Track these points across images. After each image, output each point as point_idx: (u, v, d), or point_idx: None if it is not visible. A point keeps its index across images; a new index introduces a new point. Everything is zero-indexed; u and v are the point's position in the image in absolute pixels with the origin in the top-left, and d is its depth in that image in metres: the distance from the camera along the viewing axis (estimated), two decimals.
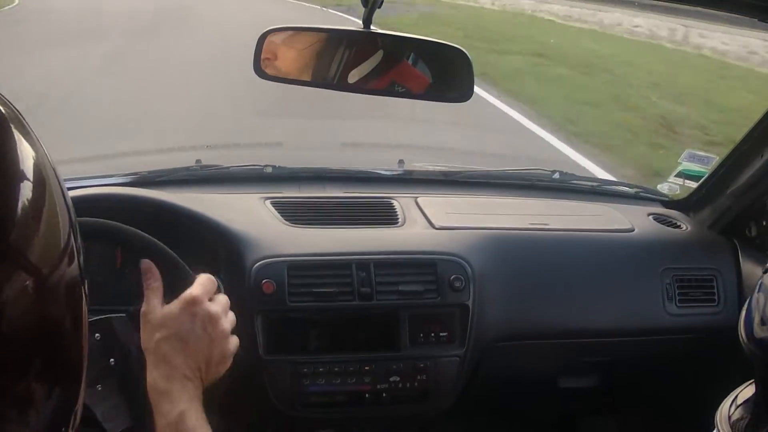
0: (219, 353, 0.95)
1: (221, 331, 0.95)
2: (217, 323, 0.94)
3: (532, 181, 1.96)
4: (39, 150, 0.41)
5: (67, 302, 0.40)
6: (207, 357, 0.94)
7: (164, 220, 1.35)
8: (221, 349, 0.95)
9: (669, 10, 10.62)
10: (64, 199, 0.42)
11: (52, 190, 0.40)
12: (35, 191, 0.39)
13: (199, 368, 0.93)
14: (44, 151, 0.42)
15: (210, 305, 0.95)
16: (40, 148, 0.41)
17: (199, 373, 0.93)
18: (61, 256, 0.40)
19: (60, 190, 0.42)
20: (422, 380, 1.46)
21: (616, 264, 1.62)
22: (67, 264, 0.40)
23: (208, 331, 0.93)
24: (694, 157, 1.89)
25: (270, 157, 1.89)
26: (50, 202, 0.40)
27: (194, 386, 0.92)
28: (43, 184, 0.40)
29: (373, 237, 1.54)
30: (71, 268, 0.41)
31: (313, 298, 1.41)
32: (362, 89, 1.23)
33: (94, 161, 3.33)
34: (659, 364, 1.69)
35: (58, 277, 0.39)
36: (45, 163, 0.41)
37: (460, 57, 1.21)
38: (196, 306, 0.93)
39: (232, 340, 0.98)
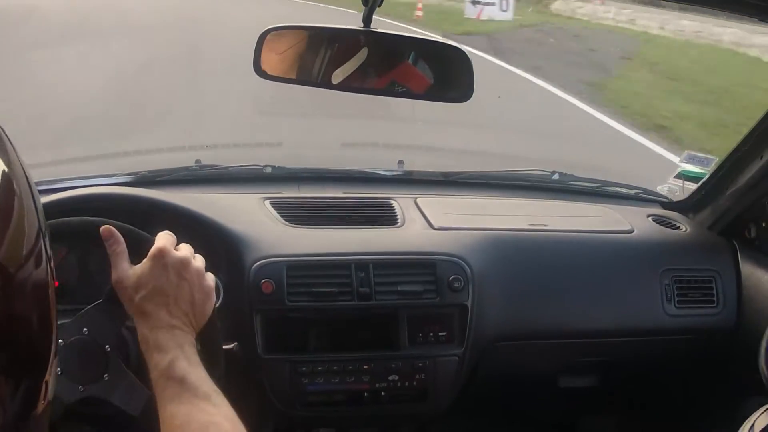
0: (200, 293, 0.97)
1: (195, 271, 0.97)
2: (189, 266, 0.96)
3: (532, 181, 1.96)
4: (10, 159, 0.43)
5: (34, 301, 0.42)
6: (190, 300, 0.95)
7: (163, 220, 1.35)
8: (201, 288, 0.97)
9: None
10: (34, 207, 0.44)
11: (22, 198, 0.43)
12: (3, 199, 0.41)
13: (186, 314, 0.95)
14: (17, 159, 0.44)
15: (177, 253, 0.97)
16: (13, 156, 0.43)
17: (187, 319, 0.95)
18: (28, 256, 0.42)
19: (30, 198, 0.44)
20: (421, 380, 1.46)
21: (615, 265, 1.62)
22: (34, 265, 0.42)
23: (183, 275, 0.95)
24: (693, 158, 1.89)
25: (269, 157, 1.89)
26: (19, 207, 0.42)
27: (183, 333, 0.93)
28: (12, 192, 0.42)
29: (372, 237, 1.54)
30: (39, 270, 0.43)
31: (312, 298, 1.41)
32: (362, 89, 1.23)
33: (94, 161, 3.33)
34: (658, 365, 1.69)
35: (25, 276, 0.41)
36: (15, 173, 0.43)
37: (459, 57, 1.21)
38: (165, 257, 0.95)
39: (207, 276, 0.99)
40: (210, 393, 0.88)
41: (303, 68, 1.24)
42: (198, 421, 0.83)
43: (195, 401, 0.86)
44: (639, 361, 1.67)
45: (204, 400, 0.86)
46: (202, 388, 0.87)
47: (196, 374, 0.89)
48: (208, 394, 0.87)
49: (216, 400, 0.87)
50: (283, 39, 1.22)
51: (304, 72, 1.24)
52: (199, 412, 0.85)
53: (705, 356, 1.67)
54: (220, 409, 0.87)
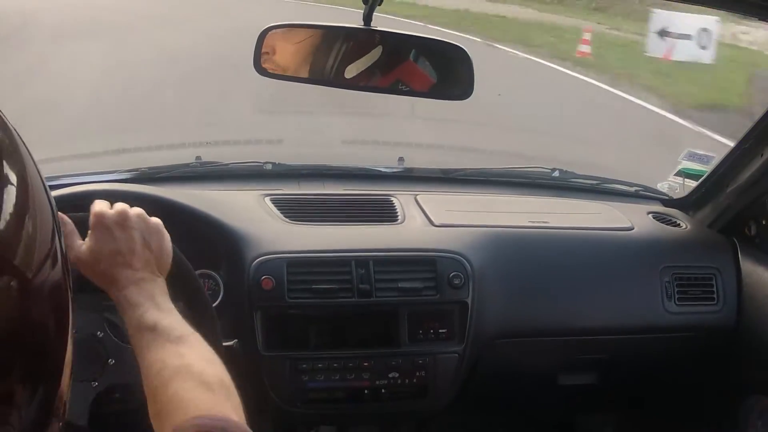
0: (150, 234, 0.98)
1: (135, 218, 0.98)
2: (127, 216, 0.97)
3: (532, 179, 1.96)
4: (22, 154, 0.41)
5: (51, 304, 0.40)
6: (145, 246, 0.96)
7: (164, 217, 1.35)
8: (149, 229, 0.98)
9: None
10: (48, 203, 0.42)
11: (35, 194, 0.41)
12: (18, 197, 0.39)
13: (147, 261, 0.96)
14: (28, 154, 0.42)
15: (112, 211, 0.98)
16: (24, 151, 0.41)
17: (150, 265, 0.96)
18: (44, 259, 0.40)
19: (44, 193, 0.42)
20: (421, 377, 1.46)
21: (615, 262, 1.62)
22: (50, 266, 0.40)
23: (127, 227, 0.96)
24: (694, 156, 1.89)
25: (270, 154, 1.89)
26: (33, 207, 0.40)
27: (152, 282, 0.94)
28: (26, 189, 0.40)
29: (372, 234, 1.54)
30: (55, 270, 0.41)
31: (313, 295, 1.41)
32: (367, 87, 1.23)
33: (94, 157, 3.33)
34: (658, 362, 1.70)
35: (42, 280, 0.39)
36: (28, 168, 0.41)
37: (460, 54, 1.21)
38: (104, 219, 0.96)
39: (151, 220, 1.00)
40: (183, 335, 0.87)
41: (304, 66, 1.24)
42: (171, 365, 0.83)
43: (168, 346, 0.85)
44: (639, 358, 1.67)
45: (177, 344, 0.86)
46: (174, 333, 0.87)
47: (168, 320, 0.89)
48: (182, 337, 0.87)
49: (190, 341, 0.87)
50: (283, 37, 1.22)
51: (305, 70, 1.24)
52: (172, 357, 0.84)
53: (705, 354, 1.67)
54: (194, 349, 0.86)
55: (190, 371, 0.82)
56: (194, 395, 0.79)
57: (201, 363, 0.84)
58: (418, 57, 1.22)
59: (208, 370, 0.83)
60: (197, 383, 0.80)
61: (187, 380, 0.81)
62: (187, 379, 0.81)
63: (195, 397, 0.78)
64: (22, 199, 0.39)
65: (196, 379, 0.81)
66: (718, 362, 1.68)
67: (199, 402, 0.78)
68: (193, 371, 0.82)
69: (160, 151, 3.47)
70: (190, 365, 0.82)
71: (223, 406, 0.79)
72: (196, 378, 0.81)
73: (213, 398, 0.79)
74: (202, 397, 0.78)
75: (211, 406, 0.77)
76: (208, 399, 0.79)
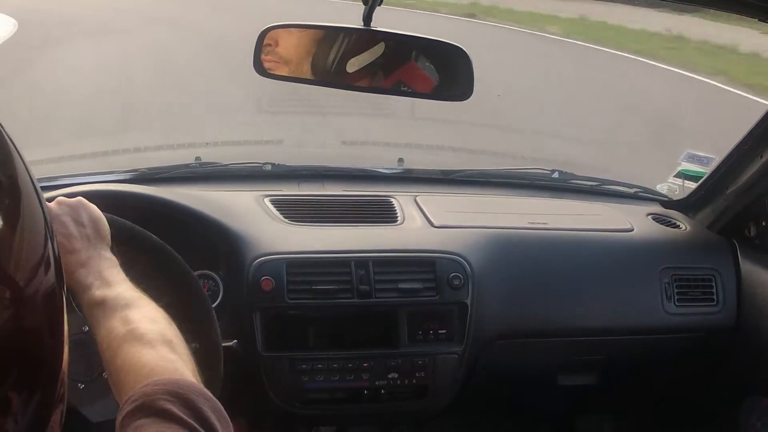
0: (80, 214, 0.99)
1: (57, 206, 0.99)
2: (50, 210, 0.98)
3: (532, 180, 1.96)
4: (14, 159, 0.40)
5: (45, 311, 0.40)
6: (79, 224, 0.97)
7: (163, 218, 1.36)
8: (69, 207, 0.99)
9: None
10: (40, 208, 0.41)
11: (27, 200, 0.40)
12: (9, 204, 0.38)
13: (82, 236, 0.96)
14: (20, 158, 0.41)
15: None
16: (16, 156, 0.41)
17: (87, 239, 0.96)
18: (37, 266, 0.39)
19: (35, 199, 0.41)
20: (421, 377, 1.46)
21: (615, 263, 1.62)
22: (44, 273, 0.40)
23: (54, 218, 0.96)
24: (693, 157, 1.89)
25: (269, 155, 1.89)
26: (25, 213, 0.39)
27: (96, 258, 0.94)
28: (17, 195, 0.39)
29: (372, 235, 1.54)
30: (48, 275, 0.40)
31: (312, 296, 1.41)
32: (369, 88, 1.23)
33: (93, 158, 3.33)
34: (658, 363, 1.70)
35: (35, 287, 0.39)
36: (19, 173, 0.40)
37: (459, 55, 1.21)
38: None
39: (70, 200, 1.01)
40: (130, 302, 0.87)
41: (305, 66, 1.23)
42: (118, 334, 0.82)
43: (115, 315, 0.85)
44: (638, 359, 1.67)
45: (124, 310, 0.85)
46: (122, 301, 0.87)
47: (116, 291, 0.89)
48: (129, 303, 0.87)
49: (136, 305, 0.87)
50: (283, 37, 1.22)
51: (306, 70, 1.24)
52: (119, 324, 0.84)
53: (704, 355, 1.67)
54: (141, 312, 0.86)
55: (134, 335, 0.81)
56: (138, 358, 0.78)
57: (145, 324, 0.83)
58: (418, 57, 1.22)
59: (151, 329, 0.83)
60: (141, 345, 0.80)
61: (133, 344, 0.80)
62: (132, 343, 0.80)
63: (139, 359, 0.78)
64: (14, 206, 0.39)
65: (140, 340, 0.81)
66: (718, 363, 1.68)
67: (143, 363, 0.77)
68: (137, 334, 0.81)
69: (160, 152, 3.47)
70: (133, 329, 0.82)
71: (166, 361, 0.78)
72: (140, 339, 0.81)
73: (156, 356, 0.78)
74: (146, 359, 0.78)
75: (155, 365, 0.77)
76: (152, 358, 0.78)
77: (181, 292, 1.21)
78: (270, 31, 1.20)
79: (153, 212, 1.35)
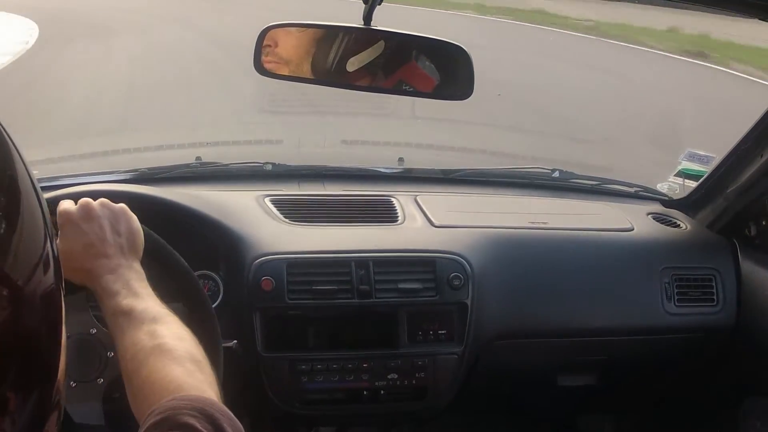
0: (115, 217, 0.99)
1: (98, 207, 0.99)
2: (92, 209, 0.98)
3: (532, 179, 1.96)
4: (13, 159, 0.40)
5: (44, 311, 0.40)
6: (113, 230, 0.97)
7: (164, 218, 1.35)
8: (113, 214, 0.99)
9: None
10: (39, 207, 0.41)
11: (26, 200, 0.40)
12: (8, 203, 0.38)
13: (118, 245, 0.96)
14: (20, 157, 0.41)
15: (75, 206, 0.99)
16: (15, 155, 0.41)
17: (121, 249, 0.96)
18: (36, 265, 0.39)
19: (35, 198, 0.41)
20: (420, 378, 1.46)
21: (615, 263, 1.62)
22: (42, 272, 0.40)
23: (91, 217, 0.97)
24: (694, 156, 1.89)
25: (270, 155, 1.89)
26: (24, 213, 0.39)
27: (127, 267, 0.94)
28: (17, 195, 0.39)
29: (372, 235, 1.54)
30: (47, 275, 0.40)
31: (312, 296, 1.41)
32: (371, 88, 1.23)
33: (94, 158, 3.33)
34: (658, 363, 1.69)
35: (33, 287, 0.39)
36: (19, 172, 0.40)
37: (460, 54, 1.21)
38: (69, 216, 0.97)
39: (115, 206, 1.01)
40: (158, 316, 0.87)
41: (305, 66, 1.23)
42: (145, 347, 0.83)
43: (142, 328, 0.85)
44: (638, 359, 1.67)
45: (151, 324, 0.86)
46: (149, 314, 0.87)
47: (144, 303, 0.89)
48: (156, 318, 0.87)
49: (164, 321, 0.87)
50: (283, 36, 1.22)
51: (305, 69, 1.23)
52: (145, 338, 0.84)
53: (704, 354, 1.67)
54: (169, 328, 0.86)
55: (162, 350, 0.82)
56: (166, 373, 0.78)
57: (173, 341, 0.84)
58: (419, 57, 1.22)
59: (179, 347, 0.83)
60: (169, 360, 0.80)
61: (160, 359, 0.80)
62: (160, 358, 0.81)
63: (167, 374, 0.78)
64: (13, 206, 0.39)
65: (168, 356, 0.81)
66: (718, 363, 1.68)
67: (171, 379, 0.77)
68: (165, 349, 0.82)
69: (160, 152, 3.46)
70: (162, 344, 0.82)
71: (194, 378, 0.78)
72: (168, 356, 0.81)
73: (184, 373, 0.79)
74: (174, 374, 0.78)
75: (182, 381, 0.77)
76: (179, 374, 0.78)
77: (181, 291, 1.21)
78: (269, 31, 1.20)
79: (153, 212, 1.35)
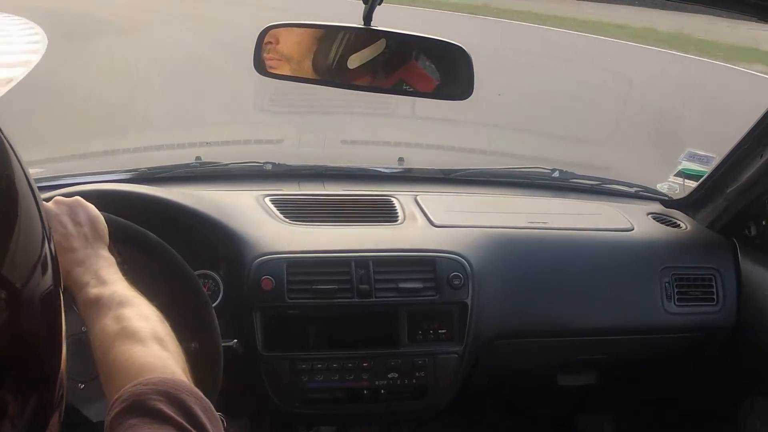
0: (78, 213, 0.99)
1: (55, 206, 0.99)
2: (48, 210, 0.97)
3: (532, 179, 1.96)
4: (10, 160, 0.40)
5: (43, 312, 0.40)
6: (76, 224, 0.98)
7: (163, 217, 1.35)
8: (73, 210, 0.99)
9: None
10: (37, 208, 0.41)
11: (24, 201, 0.40)
12: (5, 205, 0.38)
13: (81, 235, 0.97)
14: (17, 159, 0.41)
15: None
16: (12, 156, 0.40)
17: (85, 239, 0.97)
18: (34, 267, 0.39)
19: (32, 199, 0.41)
20: (420, 377, 1.46)
21: (615, 263, 1.62)
22: (41, 274, 0.39)
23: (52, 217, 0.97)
24: (694, 156, 1.89)
25: (269, 154, 1.89)
26: (22, 215, 0.39)
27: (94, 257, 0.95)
28: (15, 196, 0.39)
29: (372, 234, 1.54)
30: (45, 277, 0.40)
31: (312, 295, 1.41)
32: (371, 87, 1.23)
33: (93, 157, 3.33)
34: (657, 363, 1.69)
35: (32, 289, 0.38)
36: (16, 174, 0.40)
37: (460, 54, 1.20)
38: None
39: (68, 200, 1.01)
40: (124, 300, 0.87)
41: (305, 65, 1.23)
42: (110, 332, 0.82)
43: (109, 314, 0.85)
44: (638, 359, 1.67)
45: (117, 309, 0.86)
46: (116, 299, 0.87)
47: (111, 289, 0.89)
48: (123, 301, 0.87)
49: (132, 303, 0.87)
50: (283, 36, 1.22)
51: (305, 69, 1.23)
52: (111, 322, 0.84)
53: (704, 354, 1.67)
54: (134, 310, 0.86)
55: (126, 333, 0.82)
56: (129, 356, 0.78)
57: (137, 322, 0.84)
58: (419, 56, 1.22)
59: (143, 327, 0.83)
60: (132, 342, 0.80)
61: (124, 343, 0.80)
62: (124, 341, 0.80)
63: (129, 357, 0.78)
64: (10, 208, 0.38)
65: (132, 339, 0.81)
66: (718, 362, 1.68)
67: (133, 361, 0.77)
68: (129, 332, 0.82)
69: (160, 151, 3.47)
70: (126, 327, 0.82)
71: (157, 357, 0.78)
72: (132, 338, 0.81)
73: (147, 353, 0.78)
74: (136, 356, 0.78)
75: (145, 361, 0.76)
76: (142, 355, 0.78)
77: (180, 291, 1.21)
78: (270, 29, 1.20)
79: (153, 212, 1.35)
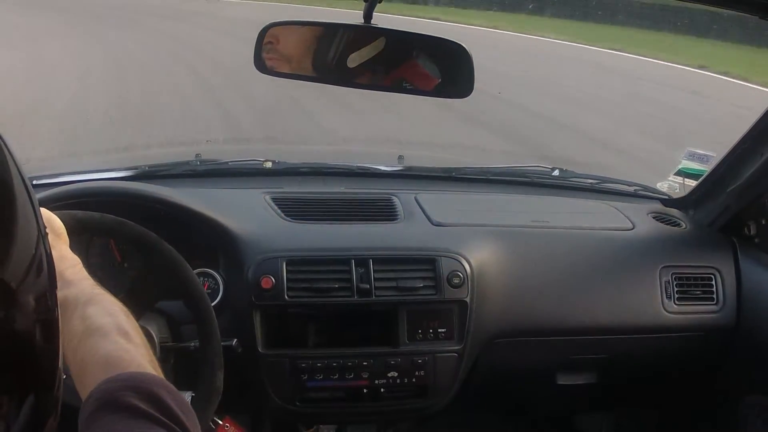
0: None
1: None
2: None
3: (532, 178, 1.96)
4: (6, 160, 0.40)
5: (38, 314, 0.39)
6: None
7: (163, 215, 1.36)
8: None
9: None
10: (32, 209, 0.41)
11: (20, 201, 0.39)
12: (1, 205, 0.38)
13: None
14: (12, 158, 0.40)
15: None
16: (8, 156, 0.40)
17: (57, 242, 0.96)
18: (29, 267, 0.39)
19: (27, 199, 0.41)
20: (420, 376, 1.46)
21: (615, 262, 1.62)
22: (36, 275, 0.39)
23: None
24: (693, 155, 1.89)
25: (269, 152, 1.89)
26: (18, 216, 0.39)
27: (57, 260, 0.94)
28: (12, 198, 0.39)
29: (372, 233, 1.54)
30: (41, 277, 0.40)
31: (312, 294, 1.41)
32: (371, 86, 1.23)
33: (95, 155, 3.33)
34: (657, 362, 1.69)
35: (27, 289, 0.38)
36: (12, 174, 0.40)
37: (460, 52, 1.20)
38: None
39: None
40: (89, 299, 0.87)
41: (306, 63, 1.23)
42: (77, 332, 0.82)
43: (75, 314, 0.85)
44: (638, 358, 1.67)
45: (82, 308, 0.85)
46: (81, 299, 0.86)
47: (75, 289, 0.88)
48: (87, 300, 0.86)
49: (96, 300, 0.87)
50: (283, 34, 1.22)
51: (306, 67, 1.23)
52: (77, 322, 0.83)
53: (704, 353, 1.67)
54: (99, 307, 0.85)
55: (91, 330, 0.81)
56: (94, 352, 0.78)
57: (101, 319, 0.83)
58: (419, 55, 1.21)
59: (107, 323, 0.82)
60: (97, 339, 0.79)
61: (90, 340, 0.80)
62: (89, 339, 0.80)
63: (95, 353, 0.77)
64: (6, 208, 0.38)
65: (96, 335, 0.80)
66: (718, 362, 1.68)
67: (99, 357, 0.76)
68: (93, 329, 0.81)
69: (160, 149, 3.47)
70: (90, 325, 0.82)
71: (123, 351, 0.77)
72: (96, 334, 0.80)
73: (113, 348, 0.78)
74: (102, 352, 0.77)
75: (111, 356, 0.76)
76: (108, 351, 0.77)
77: (180, 290, 1.21)
78: (270, 28, 1.20)
79: (153, 210, 1.35)
